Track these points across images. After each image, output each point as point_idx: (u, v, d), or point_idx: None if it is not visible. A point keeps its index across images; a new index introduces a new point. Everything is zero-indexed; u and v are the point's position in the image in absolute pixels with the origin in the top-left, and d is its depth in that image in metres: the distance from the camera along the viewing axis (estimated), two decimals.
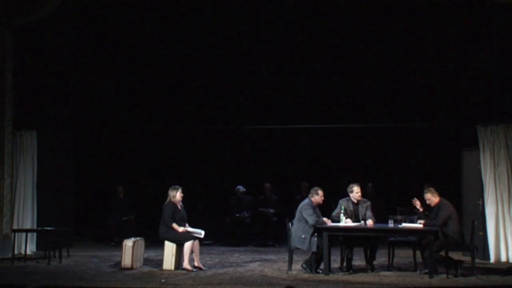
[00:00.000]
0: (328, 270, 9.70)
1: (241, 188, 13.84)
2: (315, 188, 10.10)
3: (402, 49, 13.85)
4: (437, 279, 9.26)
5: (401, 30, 13.68)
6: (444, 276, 9.37)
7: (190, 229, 10.33)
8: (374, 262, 10.19)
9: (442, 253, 9.63)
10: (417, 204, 9.93)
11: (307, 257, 10.05)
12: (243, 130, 14.69)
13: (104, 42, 14.27)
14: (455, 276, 9.38)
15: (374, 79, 14.15)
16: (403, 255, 11.16)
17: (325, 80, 14.37)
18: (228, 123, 14.66)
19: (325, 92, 14.43)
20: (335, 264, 10.19)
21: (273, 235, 13.51)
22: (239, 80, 14.58)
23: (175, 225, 10.18)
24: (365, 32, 13.90)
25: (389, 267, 10.27)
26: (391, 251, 10.39)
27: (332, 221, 10.02)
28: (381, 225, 10.12)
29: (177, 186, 10.38)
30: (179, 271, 10.01)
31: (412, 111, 14.08)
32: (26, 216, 12.01)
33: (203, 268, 10.20)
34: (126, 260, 10.23)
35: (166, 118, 14.88)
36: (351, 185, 10.18)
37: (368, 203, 10.27)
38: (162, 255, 10.24)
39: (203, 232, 10.31)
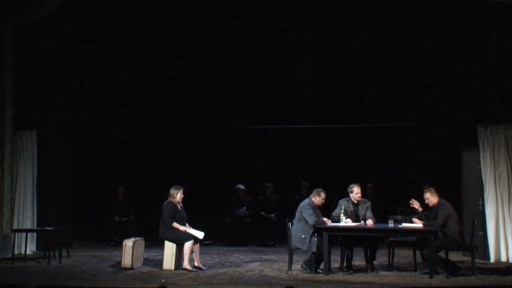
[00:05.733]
0: (328, 270, 9.71)
1: (241, 186, 13.85)
2: (319, 189, 10.08)
3: (402, 49, 13.83)
4: (437, 279, 9.26)
5: (400, 30, 13.66)
6: (444, 276, 9.37)
7: (190, 230, 10.32)
8: (374, 262, 10.19)
9: (442, 254, 9.63)
10: (415, 205, 9.94)
11: (307, 257, 10.05)
12: (243, 130, 14.68)
13: (104, 42, 14.26)
14: (455, 276, 9.38)
15: (374, 79, 14.14)
16: (403, 255, 11.16)
17: (325, 80, 14.35)
18: (228, 123, 14.66)
19: (325, 92, 14.42)
20: (335, 264, 10.20)
21: (273, 235, 13.52)
22: (239, 80, 14.56)
23: (175, 224, 10.17)
24: (364, 32, 13.89)
25: (389, 267, 10.27)
26: (391, 251, 10.40)
27: (332, 221, 10.03)
28: (381, 225, 10.12)
29: (179, 187, 10.36)
30: (179, 271, 10.02)
31: (412, 111, 14.07)
32: (26, 216, 12.01)
33: (203, 268, 10.20)
34: (126, 260, 10.23)
35: (166, 117, 14.87)
36: (351, 185, 10.18)
37: (368, 203, 10.27)
38: (162, 255, 10.25)
39: (202, 234, 10.30)
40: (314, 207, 9.93)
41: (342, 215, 9.98)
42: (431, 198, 9.77)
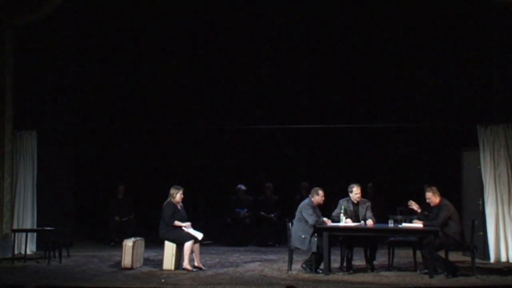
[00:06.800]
0: (328, 270, 9.71)
1: (242, 187, 13.86)
2: (316, 188, 10.11)
3: (402, 49, 13.84)
4: (437, 279, 9.26)
5: (401, 30, 13.66)
6: (444, 276, 9.37)
7: (190, 230, 10.32)
8: (374, 262, 10.19)
9: (442, 254, 9.64)
10: (414, 206, 9.92)
11: (307, 257, 10.05)
12: (243, 130, 14.67)
13: (104, 42, 14.25)
14: (455, 276, 9.38)
15: (374, 79, 14.14)
16: (403, 255, 11.16)
17: (325, 80, 14.36)
18: (228, 123, 14.65)
19: (325, 92, 14.42)
20: (335, 264, 10.20)
21: (273, 235, 13.52)
22: (239, 80, 14.56)
23: (177, 222, 10.17)
24: (366, 32, 13.88)
25: (389, 267, 10.27)
26: (391, 251, 10.39)
27: (332, 221, 10.03)
28: (381, 225, 10.13)
29: (179, 187, 10.36)
30: (179, 271, 10.02)
31: (412, 111, 14.07)
32: (26, 216, 12.01)
33: (203, 268, 10.20)
34: (126, 260, 10.23)
35: (166, 117, 14.87)
36: (351, 185, 10.19)
37: (368, 203, 10.27)
38: (162, 255, 10.25)
39: (201, 235, 10.30)
40: (314, 206, 9.93)
41: (342, 215, 9.98)
42: (433, 197, 9.76)
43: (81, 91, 14.38)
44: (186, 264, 10.07)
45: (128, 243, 10.30)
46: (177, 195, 10.28)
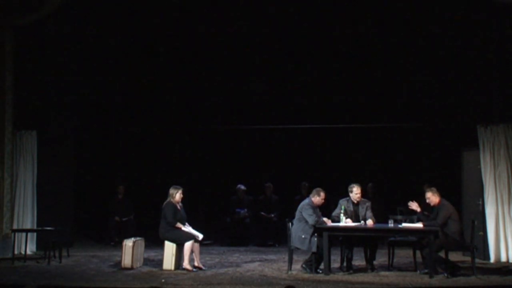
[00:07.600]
0: (328, 270, 9.71)
1: (242, 187, 13.86)
2: (318, 189, 10.09)
3: (402, 49, 13.84)
4: (437, 279, 9.26)
5: (401, 30, 13.66)
6: (444, 276, 9.37)
7: (190, 230, 10.32)
8: (374, 262, 10.19)
9: (442, 254, 9.64)
10: (413, 206, 9.91)
11: (307, 257, 10.05)
12: (243, 130, 14.68)
13: (104, 42, 14.25)
14: (455, 276, 9.38)
15: (374, 79, 14.14)
16: (403, 255, 11.16)
17: (325, 79, 14.36)
18: (228, 123, 14.65)
19: (325, 92, 14.41)
20: (335, 264, 10.20)
21: (273, 235, 13.52)
22: (239, 80, 14.56)
23: (179, 224, 10.19)
24: (365, 32, 13.88)
25: (389, 267, 10.27)
26: (391, 251, 10.40)
27: (332, 221, 10.03)
28: (381, 225, 10.12)
29: (178, 187, 10.37)
30: (179, 271, 10.02)
31: (412, 111, 14.07)
32: (26, 216, 12.01)
33: (203, 268, 10.20)
34: (126, 260, 10.23)
35: (166, 117, 14.88)
36: (351, 185, 10.19)
37: (368, 203, 10.27)
38: (162, 255, 10.25)
39: (201, 235, 10.30)
40: (314, 207, 9.93)
41: (342, 215, 9.98)
42: (432, 197, 9.77)
43: (81, 91, 14.36)
44: (186, 264, 10.07)
45: (128, 243, 10.30)
46: (177, 195, 10.29)
